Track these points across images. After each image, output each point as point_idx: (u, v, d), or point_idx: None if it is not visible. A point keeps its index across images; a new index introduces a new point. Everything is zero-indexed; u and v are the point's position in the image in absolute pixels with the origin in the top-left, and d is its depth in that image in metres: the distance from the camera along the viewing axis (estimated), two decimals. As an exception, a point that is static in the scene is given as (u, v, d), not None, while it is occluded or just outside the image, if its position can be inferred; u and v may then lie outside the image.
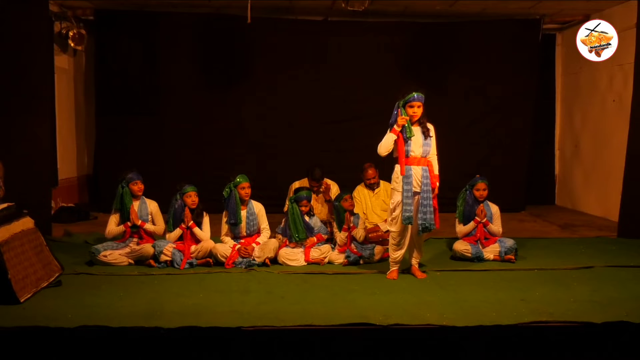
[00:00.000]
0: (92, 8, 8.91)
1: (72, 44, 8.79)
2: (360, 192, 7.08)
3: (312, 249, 6.04)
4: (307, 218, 6.17)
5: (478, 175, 6.34)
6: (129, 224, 5.98)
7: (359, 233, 6.17)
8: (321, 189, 6.97)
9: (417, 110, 5.34)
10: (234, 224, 5.98)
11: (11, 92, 6.74)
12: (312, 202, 6.34)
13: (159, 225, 6.12)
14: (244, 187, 6.02)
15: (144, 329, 4.01)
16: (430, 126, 5.43)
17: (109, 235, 6.03)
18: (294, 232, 6.02)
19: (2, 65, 6.68)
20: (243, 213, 6.04)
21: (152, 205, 6.14)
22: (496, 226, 6.24)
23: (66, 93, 9.16)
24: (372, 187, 7.03)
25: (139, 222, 5.98)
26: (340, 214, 6.22)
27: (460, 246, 6.12)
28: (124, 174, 6.07)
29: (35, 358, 3.97)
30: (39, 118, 7.05)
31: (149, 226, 6.05)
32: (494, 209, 6.29)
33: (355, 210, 6.42)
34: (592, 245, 6.82)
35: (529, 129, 9.74)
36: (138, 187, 6.03)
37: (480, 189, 6.17)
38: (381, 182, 7.12)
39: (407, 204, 5.23)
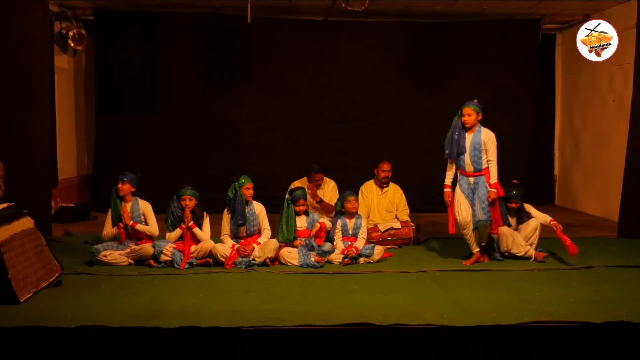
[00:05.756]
0: (92, 8, 8.92)
1: (72, 44, 8.79)
2: (369, 187, 7.10)
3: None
4: (304, 217, 6.19)
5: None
6: (121, 225, 5.97)
7: (360, 244, 6.13)
8: (311, 195, 6.92)
9: None
10: (242, 224, 5.98)
11: (11, 92, 6.74)
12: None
13: (151, 226, 6.05)
14: (249, 188, 6.04)
15: (144, 329, 4.01)
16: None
17: (105, 237, 6.03)
18: (285, 232, 6.03)
19: (2, 65, 6.68)
20: (244, 213, 6.06)
21: (144, 206, 6.09)
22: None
23: (66, 93, 9.16)
24: (382, 184, 7.03)
25: (130, 222, 5.96)
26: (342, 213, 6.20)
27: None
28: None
29: (35, 358, 3.97)
30: (39, 118, 7.05)
31: (140, 226, 6.00)
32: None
33: (360, 206, 6.40)
34: (592, 245, 6.80)
35: (529, 129, 9.75)
36: (119, 187, 5.98)
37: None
38: (391, 183, 7.13)
39: None
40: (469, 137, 5.80)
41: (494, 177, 5.76)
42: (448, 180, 6.01)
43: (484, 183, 5.78)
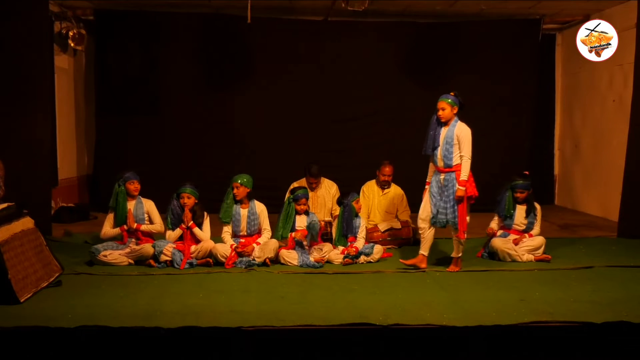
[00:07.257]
0: (92, 8, 8.91)
1: (72, 44, 8.78)
2: (370, 187, 7.12)
3: (313, 248, 6.08)
4: (304, 217, 6.18)
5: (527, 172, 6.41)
6: (125, 227, 5.96)
7: (359, 244, 6.13)
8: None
9: None
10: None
11: (11, 92, 6.74)
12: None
13: (157, 224, 6.08)
14: (236, 187, 6.02)
15: (144, 329, 4.01)
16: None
17: (104, 237, 6.03)
18: (281, 229, 6.00)
19: (2, 65, 6.68)
20: (244, 212, 6.05)
21: (148, 204, 6.12)
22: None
23: (66, 93, 9.16)
24: (383, 185, 7.04)
25: (135, 226, 5.96)
26: (350, 214, 6.16)
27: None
28: (122, 173, 6.07)
29: (35, 358, 3.97)
30: (39, 118, 7.05)
31: (145, 227, 6.02)
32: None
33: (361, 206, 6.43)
34: (592, 245, 6.82)
35: (529, 129, 9.75)
36: (134, 186, 6.01)
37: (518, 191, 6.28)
38: (393, 184, 7.13)
39: None
40: (444, 131, 5.64)
41: (464, 174, 5.51)
42: (429, 177, 5.83)
43: (453, 181, 5.56)
